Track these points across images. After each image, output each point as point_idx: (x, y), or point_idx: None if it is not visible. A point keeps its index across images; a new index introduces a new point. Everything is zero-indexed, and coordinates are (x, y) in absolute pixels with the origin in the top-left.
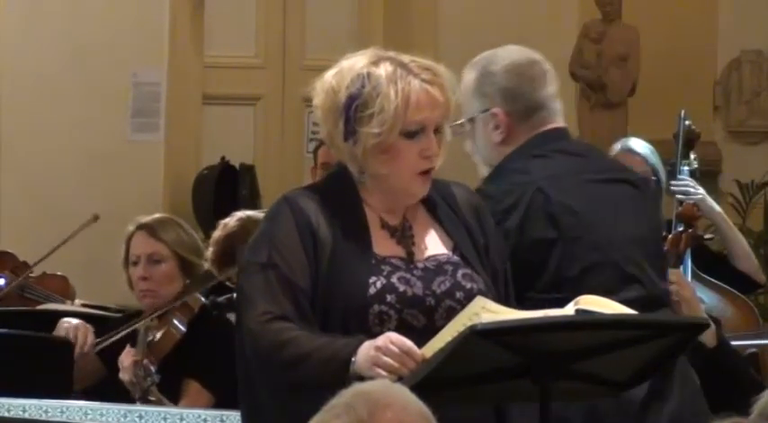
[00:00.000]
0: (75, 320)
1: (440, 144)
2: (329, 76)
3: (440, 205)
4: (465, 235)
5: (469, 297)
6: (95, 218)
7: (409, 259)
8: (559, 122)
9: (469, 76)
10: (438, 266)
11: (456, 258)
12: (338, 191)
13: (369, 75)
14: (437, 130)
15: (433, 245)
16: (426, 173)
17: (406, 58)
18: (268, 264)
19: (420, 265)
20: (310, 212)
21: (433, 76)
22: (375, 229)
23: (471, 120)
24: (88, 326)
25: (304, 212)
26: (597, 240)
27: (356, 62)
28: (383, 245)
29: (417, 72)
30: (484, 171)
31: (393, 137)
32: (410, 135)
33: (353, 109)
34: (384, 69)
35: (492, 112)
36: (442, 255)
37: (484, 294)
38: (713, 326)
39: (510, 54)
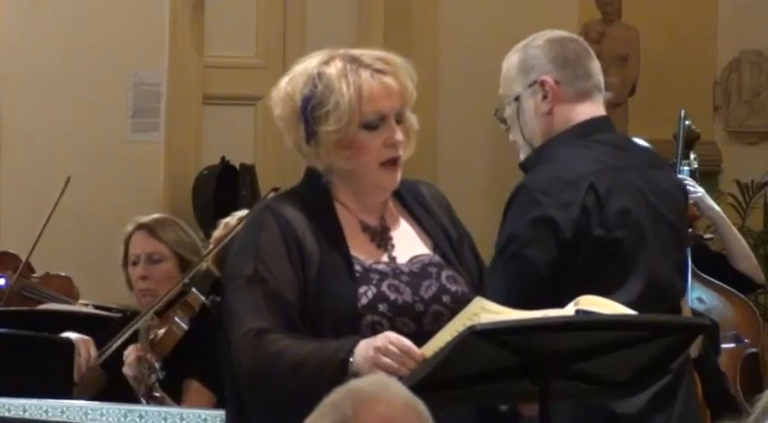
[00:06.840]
0: (74, 336)
1: (406, 133)
2: (283, 83)
3: (413, 203)
4: (441, 233)
5: (455, 300)
6: (68, 180)
7: (392, 263)
8: (601, 108)
9: (512, 58)
10: (422, 269)
11: (438, 259)
12: (315, 195)
13: (320, 74)
14: (399, 119)
15: (414, 245)
16: (393, 164)
17: (357, 51)
18: (254, 277)
19: (405, 269)
20: (295, 222)
21: (385, 65)
22: (356, 234)
23: (517, 98)
24: (88, 339)
25: (289, 222)
26: (645, 241)
27: (307, 64)
28: (365, 250)
29: (369, 63)
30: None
31: (352, 131)
32: (371, 127)
33: (309, 110)
34: (334, 67)
35: (541, 80)
36: (424, 255)
37: (468, 296)
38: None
39: (547, 32)
